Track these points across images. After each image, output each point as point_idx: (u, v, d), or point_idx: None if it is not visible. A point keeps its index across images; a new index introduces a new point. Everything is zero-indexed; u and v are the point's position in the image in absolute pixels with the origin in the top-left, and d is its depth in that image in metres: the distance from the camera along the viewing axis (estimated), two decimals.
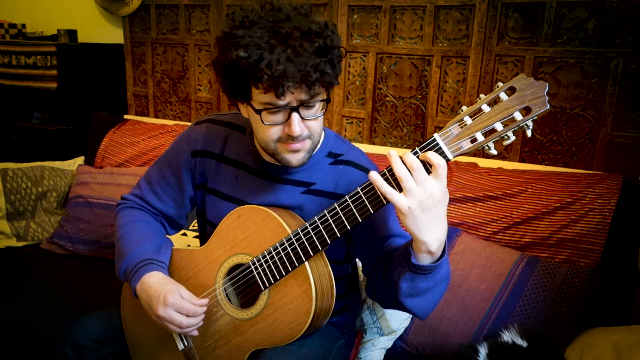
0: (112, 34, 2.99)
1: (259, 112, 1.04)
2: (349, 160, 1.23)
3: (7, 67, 2.92)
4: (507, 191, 1.72)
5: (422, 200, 0.92)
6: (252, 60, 0.95)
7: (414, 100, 2.17)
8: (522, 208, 1.68)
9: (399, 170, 0.93)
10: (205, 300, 1.18)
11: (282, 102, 1.00)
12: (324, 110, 1.08)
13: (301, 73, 0.96)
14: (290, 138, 1.06)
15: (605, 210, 1.58)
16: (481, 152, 2.01)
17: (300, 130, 1.04)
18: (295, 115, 1.03)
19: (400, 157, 0.95)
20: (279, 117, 1.04)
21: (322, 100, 1.06)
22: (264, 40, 0.96)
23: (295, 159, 1.10)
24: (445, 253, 1.02)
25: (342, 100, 2.33)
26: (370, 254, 1.21)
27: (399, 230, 1.20)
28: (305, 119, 1.05)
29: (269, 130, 1.07)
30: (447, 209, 1.72)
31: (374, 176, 0.96)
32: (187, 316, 1.15)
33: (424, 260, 1.00)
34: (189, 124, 1.37)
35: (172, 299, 1.13)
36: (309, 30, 0.97)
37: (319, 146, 1.21)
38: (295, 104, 1.02)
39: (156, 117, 2.92)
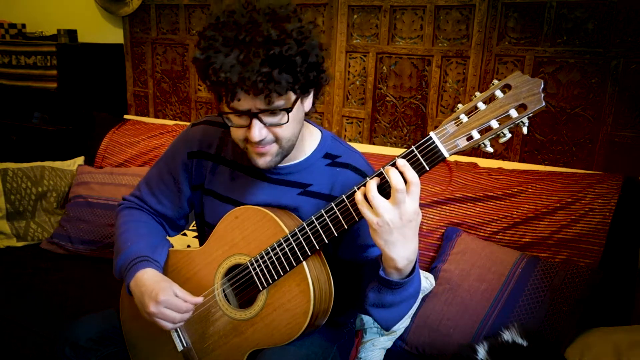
0: (112, 34, 2.99)
1: (221, 114, 1.06)
2: (347, 163, 1.23)
3: (7, 67, 2.92)
4: (507, 191, 1.72)
5: (393, 219, 0.94)
6: (203, 63, 0.97)
7: (414, 100, 2.17)
8: (522, 208, 1.68)
9: (372, 191, 0.95)
10: (200, 299, 1.18)
11: (240, 108, 1.01)
12: (288, 119, 1.05)
13: (249, 81, 0.94)
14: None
15: (605, 210, 1.58)
16: (481, 152, 2.01)
17: (261, 136, 1.04)
18: (254, 122, 1.03)
19: (385, 172, 0.97)
20: (242, 120, 1.05)
21: (283, 109, 1.03)
22: (225, 44, 0.96)
23: (261, 161, 1.11)
24: (415, 272, 1.04)
25: (342, 100, 2.33)
26: (355, 256, 1.20)
27: None
28: (267, 125, 1.05)
29: (235, 132, 1.09)
30: (448, 209, 1.75)
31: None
32: (179, 313, 1.14)
33: (392, 275, 1.02)
34: (189, 124, 1.37)
35: (164, 297, 1.13)
36: (267, 38, 0.95)
37: (312, 149, 1.22)
38: (255, 111, 1.02)
39: (156, 117, 2.92)
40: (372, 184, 0.97)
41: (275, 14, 0.99)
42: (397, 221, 0.94)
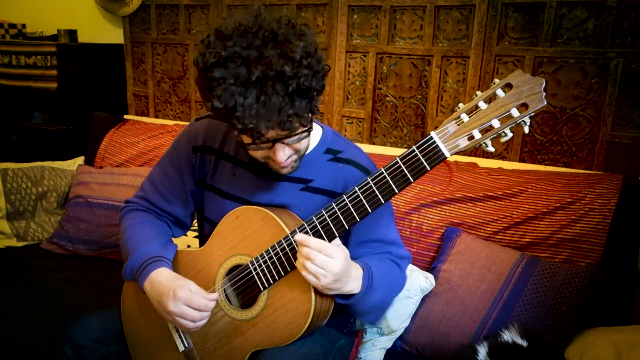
0: (112, 34, 2.99)
1: (243, 145, 1.07)
2: (349, 159, 1.24)
3: (7, 67, 2.92)
4: (507, 191, 1.72)
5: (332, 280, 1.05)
6: (226, 110, 0.95)
7: (414, 100, 2.17)
8: (522, 208, 1.68)
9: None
10: (215, 295, 1.18)
11: (262, 139, 1.01)
12: (307, 133, 1.08)
13: (275, 121, 0.95)
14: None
15: (605, 210, 1.58)
16: (482, 152, 2.02)
17: (286, 156, 1.07)
18: (278, 146, 1.05)
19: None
20: (263, 146, 1.06)
21: (303, 131, 1.05)
22: (237, 83, 0.94)
23: (285, 170, 1.14)
24: (364, 289, 1.13)
25: (342, 100, 2.33)
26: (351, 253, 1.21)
27: (389, 237, 1.26)
28: (289, 145, 1.06)
29: (256, 152, 1.10)
30: (448, 209, 1.75)
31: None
32: (199, 310, 1.14)
33: (341, 299, 1.15)
34: (190, 121, 1.38)
35: (182, 294, 1.13)
36: (281, 73, 0.94)
37: (314, 145, 1.23)
38: (276, 138, 1.03)
39: (156, 117, 2.91)
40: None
41: (276, 37, 0.96)
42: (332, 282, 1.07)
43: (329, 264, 1.03)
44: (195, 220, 1.45)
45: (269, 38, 0.96)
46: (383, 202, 1.02)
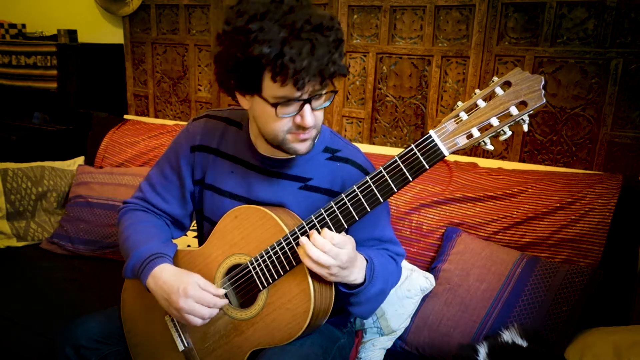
0: (112, 34, 3.00)
1: (274, 105, 1.05)
2: (347, 158, 1.24)
3: (7, 67, 2.92)
4: (507, 191, 1.72)
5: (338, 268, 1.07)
6: (274, 55, 0.97)
7: (414, 100, 2.17)
8: (522, 208, 1.68)
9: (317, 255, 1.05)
10: (223, 290, 1.18)
11: (298, 94, 1.02)
12: (331, 100, 1.10)
13: (320, 67, 0.98)
14: (300, 128, 1.07)
15: (605, 210, 1.58)
16: (481, 152, 2.01)
17: (314, 121, 1.07)
18: (307, 107, 1.05)
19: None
20: (292, 108, 1.05)
21: (331, 91, 1.08)
22: (280, 34, 0.97)
23: (303, 147, 1.12)
24: (367, 281, 1.14)
25: (342, 100, 2.33)
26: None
27: (386, 236, 1.28)
28: (314, 109, 1.07)
29: (280, 122, 1.08)
30: (448, 209, 1.75)
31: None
32: (208, 307, 1.14)
33: (344, 287, 1.15)
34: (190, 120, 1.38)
35: (192, 291, 1.12)
36: (320, 25, 0.99)
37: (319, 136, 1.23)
38: (308, 96, 1.04)
39: (156, 117, 2.91)
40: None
41: (301, 2, 1.02)
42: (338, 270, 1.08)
43: (340, 253, 1.05)
44: (195, 221, 1.45)
45: (294, 3, 1.01)
46: (382, 201, 1.03)
